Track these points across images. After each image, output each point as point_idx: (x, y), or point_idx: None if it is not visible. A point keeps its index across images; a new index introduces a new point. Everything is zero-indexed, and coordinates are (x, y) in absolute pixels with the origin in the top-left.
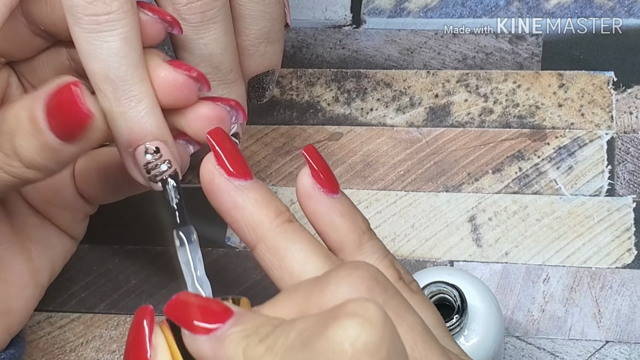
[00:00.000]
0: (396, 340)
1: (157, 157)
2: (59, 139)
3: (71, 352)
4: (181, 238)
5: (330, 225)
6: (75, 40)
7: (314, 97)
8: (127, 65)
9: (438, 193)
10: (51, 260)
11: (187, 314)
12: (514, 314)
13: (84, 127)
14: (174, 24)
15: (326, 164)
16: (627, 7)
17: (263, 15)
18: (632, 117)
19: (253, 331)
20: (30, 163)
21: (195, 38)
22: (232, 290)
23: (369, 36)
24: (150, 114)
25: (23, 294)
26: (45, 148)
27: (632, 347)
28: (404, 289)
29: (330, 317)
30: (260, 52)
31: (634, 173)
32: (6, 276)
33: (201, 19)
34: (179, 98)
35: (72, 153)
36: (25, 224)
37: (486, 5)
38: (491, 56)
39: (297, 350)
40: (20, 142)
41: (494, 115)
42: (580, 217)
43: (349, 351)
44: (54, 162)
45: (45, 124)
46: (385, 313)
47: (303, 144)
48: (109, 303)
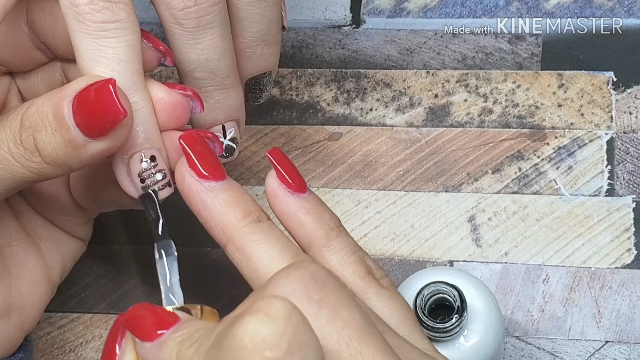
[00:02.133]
0: (302, 334)
1: (152, 165)
2: (84, 135)
3: (70, 352)
4: (160, 251)
5: (297, 223)
6: (78, 46)
7: (314, 97)
8: (131, 71)
9: (438, 193)
10: (62, 257)
11: (139, 324)
12: (513, 314)
13: (116, 123)
14: (166, 54)
15: (292, 165)
16: (627, 7)
17: (260, 18)
18: (631, 117)
19: (188, 336)
20: (51, 159)
21: (191, 43)
22: (232, 290)
23: (368, 36)
24: (149, 121)
25: (36, 290)
26: (68, 144)
27: (631, 347)
28: (373, 283)
29: (237, 316)
30: (257, 54)
31: (633, 173)
32: (20, 272)
33: (197, 24)
34: (173, 117)
35: (95, 150)
36: (33, 222)
37: (486, 5)
38: (491, 56)
39: (213, 350)
40: (42, 138)
41: (494, 115)
42: (579, 217)
43: (249, 346)
44: (76, 159)
45: (72, 120)
46: (292, 308)
47: (303, 144)
48: (108, 303)
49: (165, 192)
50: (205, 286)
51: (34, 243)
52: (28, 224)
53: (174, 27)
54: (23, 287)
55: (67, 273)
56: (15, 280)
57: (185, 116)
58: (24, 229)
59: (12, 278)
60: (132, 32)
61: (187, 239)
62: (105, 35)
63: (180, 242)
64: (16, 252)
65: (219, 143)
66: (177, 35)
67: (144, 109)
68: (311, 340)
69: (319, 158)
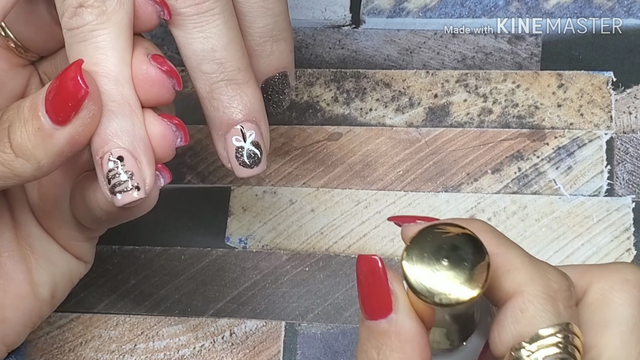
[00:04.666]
0: None
1: (121, 165)
2: (52, 121)
3: (70, 352)
4: None
5: None
6: (67, 47)
7: (313, 97)
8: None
9: (437, 193)
10: (52, 275)
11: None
12: None
13: (78, 101)
14: (164, 7)
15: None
16: (627, 7)
17: (264, 12)
18: (631, 117)
19: None
20: (20, 149)
21: (193, 32)
22: (231, 290)
23: (368, 36)
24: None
25: (21, 304)
26: (37, 133)
27: None
28: None
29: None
30: (267, 52)
31: (633, 173)
32: (5, 284)
33: (197, 11)
34: (152, 93)
35: (62, 138)
36: (29, 234)
37: (485, 5)
38: (490, 56)
39: None
40: (15, 128)
41: (493, 116)
42: (579, 217)
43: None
44: (43, 151)
45: (43, 109)
46: None
47: (302, 144)
48: (108, 303)
49: (130, 196)
50: (205, 286)
51: (25, 257)
52: (24, 236)
53: (174, 19)
54: (7, 299)
55: (62, 293)
56: (0, 293)
57: (165, 93)
58: (18, 241)
59: None
60: (114, 23)
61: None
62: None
63: (180, 242)
64: (4, 264)
65: (183, 130)
66: (179, 27)
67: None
68: None
69: (318, 158)
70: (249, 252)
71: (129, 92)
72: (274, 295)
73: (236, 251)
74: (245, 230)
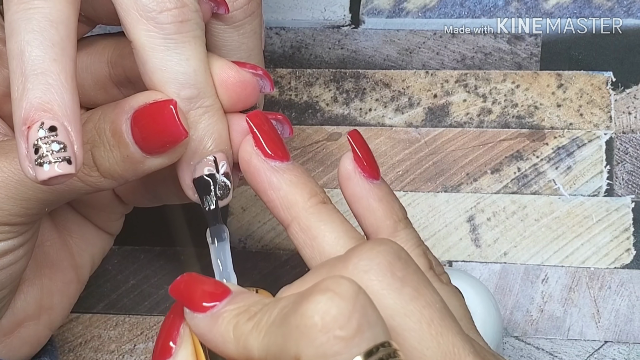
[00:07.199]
0: (370, 314)
1: (51, 134)
2: (142, 151)
3: (70, 352)
4: (212, 237)
5: (368, 208)
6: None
7: (313, 97)
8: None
9: (437, 193)
10: (92, 256)
11: (189, 293)
12: (512, 314)
13: (177, 143)
14: (220, 3)
15: (369, 150)
16: (626, 7)
17: (238, 46)
18: (630, 117)
19: (244, 309)
20: (108, 173)
21: (173, 50)
22: None
23: (367, 36)
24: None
25: (67, 290)
26: (127, 160)
27: (630, 347)
28: (434, 278)
29: (305, 294)
30: None
31: (632, 173)
32: (52, 273)
33: (178, 29)
34: (242, 96)
35: (153, 165)
36: (67, 219)
37: (485, 5)
38: (490, 56)
39: (277, 326)
40: (100, 154)
41: (493, 116)
42: (579, 217)
43: (319, 324)
44: (133, 173)
45: (130, 137)
46: (358, 288)
47: (302, 144)
48: (107, 303)
49: (62, 166)
50: None
51: (66, 243)
52: (62, 221)
53: (149, 31)
54: (54, 287)
55: (94, 270)
56: (47, 281)
57: (255, 95)
58: (57, 228)
59: (44, 279)
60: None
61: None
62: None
63: (180, 242)
64: (48, 253)
65: (289, 125)
66: (154, 40)
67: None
68: (379, 319)
69: (318, 158)
70: (249, 252)
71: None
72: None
73: (236, 251)
74: (245, 231)
